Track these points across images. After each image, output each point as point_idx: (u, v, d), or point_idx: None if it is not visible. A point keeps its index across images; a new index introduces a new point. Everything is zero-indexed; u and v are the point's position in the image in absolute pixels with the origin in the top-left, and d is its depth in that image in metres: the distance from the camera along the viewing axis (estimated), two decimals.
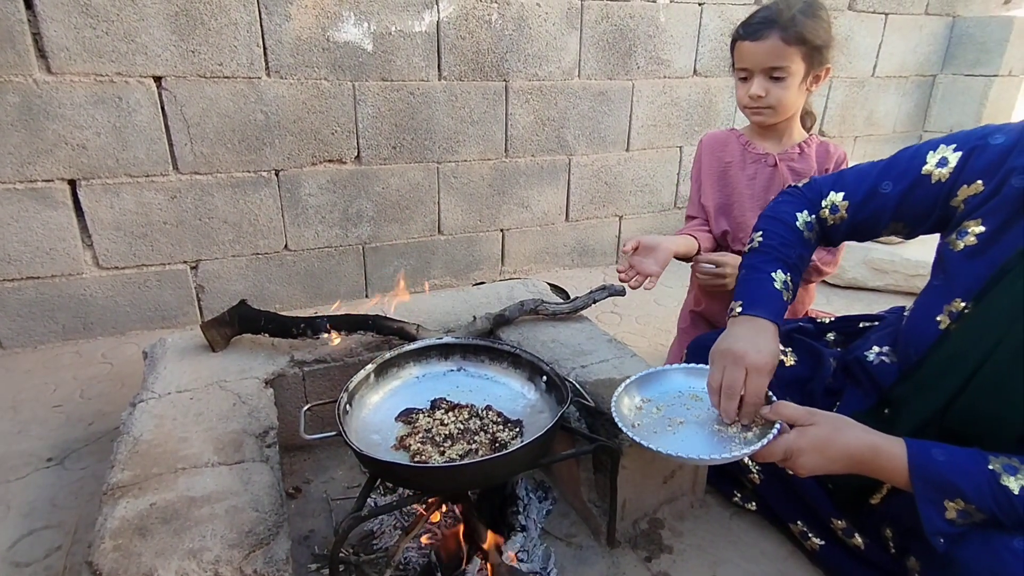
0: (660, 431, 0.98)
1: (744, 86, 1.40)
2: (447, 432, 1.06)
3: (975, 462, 0.80)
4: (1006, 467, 0.78)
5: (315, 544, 1.16)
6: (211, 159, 2.00)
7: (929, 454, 0.83)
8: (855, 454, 0.86)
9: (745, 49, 1.36)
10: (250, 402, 1.19)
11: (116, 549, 0.83)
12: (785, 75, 1.34)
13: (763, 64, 1.35)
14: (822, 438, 0.87)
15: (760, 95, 1.37)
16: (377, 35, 2.10)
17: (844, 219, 1.07)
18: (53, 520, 1.24)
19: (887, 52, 3.26)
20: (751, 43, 1.34)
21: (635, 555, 1.14)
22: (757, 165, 1.49)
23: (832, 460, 0.87)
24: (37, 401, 1.67)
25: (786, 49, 1.32)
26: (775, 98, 1.37)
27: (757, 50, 1.34)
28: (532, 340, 1.44)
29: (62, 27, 1.72)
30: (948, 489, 0.80)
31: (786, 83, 1.35)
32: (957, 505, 0.80)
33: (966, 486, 0.79)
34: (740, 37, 1.37)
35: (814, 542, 1.10)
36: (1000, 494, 0.77)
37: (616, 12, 2.47)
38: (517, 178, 2.54)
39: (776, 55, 1.33)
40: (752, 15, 1.37)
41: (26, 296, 1.91)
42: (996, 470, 0.78)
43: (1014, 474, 0.77)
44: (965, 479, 0.79)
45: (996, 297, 0.85)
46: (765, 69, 1.35)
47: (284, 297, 2.26)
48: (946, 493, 0.81)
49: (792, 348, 1.23)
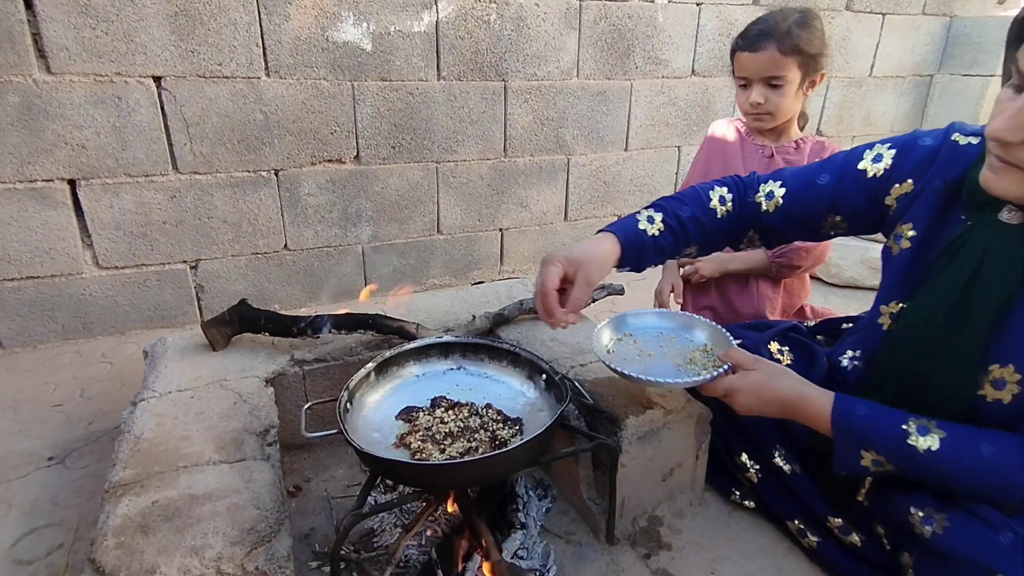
0: (629, 359, 1.13)
1: (744, 93, 1.48)
2: (447, 430, 1.07)
3: (891, 421, 0.88)
4: (919, 428, 0.86)
5: (316, 542, 1.17)
6: (210, 159, 2.00)
7: (852, 408, 0.91)
8: (786, 399, 0.96)
9: (744, 60, 1.44)
10: (251, 401, 1.19)
11: (119, 546, 0.84)
12: (782, 83, 1.42)
13: (761, 73, 1.42)
14: (759, 382, 0.98)
15: (760, 102, 1.45)
16: (376, 35, 2.11)
17: (779, 206, 1.10)
18: (55, 518, 1.25)
19: (884, 52, 3.27)
20: (749, 54, 1.42)
21: (634, 552, 1.14)
22: (755, 156, 1.56)
23: (766, 402, 0.98)
24: (37, 400, 1.67)
25: (782, 59, 1.39)
26: (773, 105, 1.45)
27: (755, 61, 1.42)
28: (531, 339, 1.45)
29: (62, 27, 1.72)
30: (863, 441, 0.89)
31: (783, 90, 1.43)
32: (871, 456, 0.89)
33: (878, 441, 0.88)
34: (739, 48, 1.45)
35: (811, 540, 1.11)
36: (906, 451, 0.85)
37: (614, 12, 2.48)
38: (516, 178, 2.55)
39: (773, 65, 1.40)
40: (749, 27, 1.45)
41: (26, 296, 1.91)
42: (908, 430, 0.86)
43: (925, 434, 0.85)
44: (878, 435, 0.88)
45: (923, 295, 0.92)
46: (763, 78, 1.43)
47: (283, 296, 2.27)
48: (861, 444, 0.90)
49: (788, 347, 1.24)
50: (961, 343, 0.86)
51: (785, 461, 1.15)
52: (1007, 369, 0.83)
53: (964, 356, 0.86)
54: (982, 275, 0.84)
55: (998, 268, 0.83)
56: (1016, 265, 0.82)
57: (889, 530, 0.97)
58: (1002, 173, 0.78)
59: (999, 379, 0.84)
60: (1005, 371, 0.83)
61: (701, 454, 1.23)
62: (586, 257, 1.00)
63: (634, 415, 1.15)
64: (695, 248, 1.14)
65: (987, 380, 0.85)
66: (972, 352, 0.85)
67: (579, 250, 1.01)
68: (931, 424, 0.86)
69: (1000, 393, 0.84)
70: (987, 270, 0.84)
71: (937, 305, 0.89)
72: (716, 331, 1.16)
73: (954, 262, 0.87)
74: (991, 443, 0.82)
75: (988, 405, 0.85)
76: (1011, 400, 0.83)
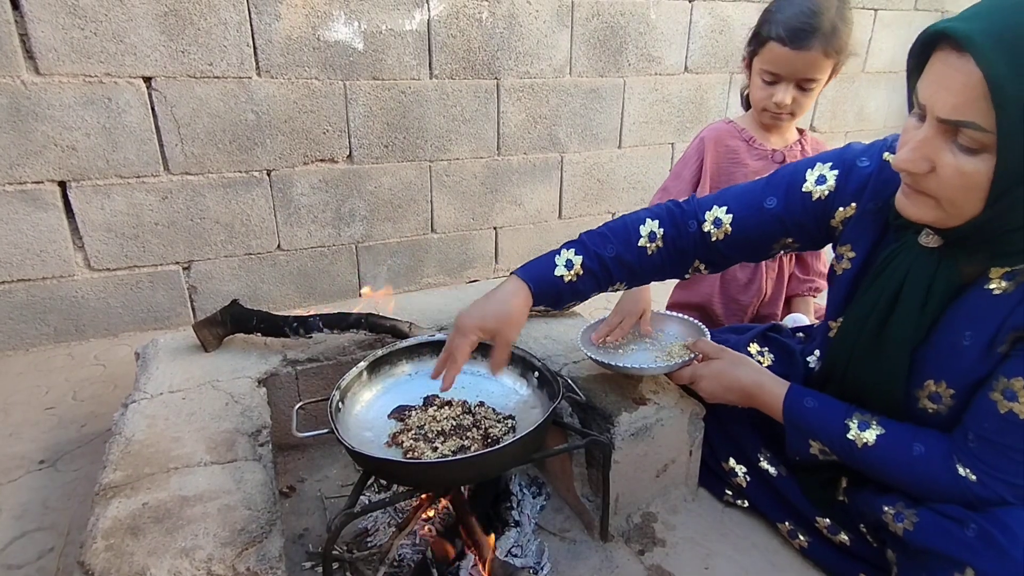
0: (612, 351, 1.28)
1: (768, 89, 1.34)
2: (440, 428, 1.07)
3: (836, 415, 0.94)
4: (860, 424, 0.92)
5: (310, 542, 1.16)
6: (202, 159, 1.99)
7: (802, 401, 0.98)
8: (745, 386, 1.04)
9: (781, 55, 1.28)
10: (243, 401, 1.19)
11: (108, 549, 0.83)
12: (814, 85, 1.32)
13: (798, 74, 1.30)
14: (721, 369, 1.08)
15: (787, 103, 1.33)
16: (368, 34, 2.10)
17: (728, 233, 1.05)
18: (46, 522, 1.24)
19: (877, 47, 3.28)
20: (792, 51, 1.26)
21: (628, 549, 1.14)
22: (764, 161, 1.46)
23: (727, 388, 1.07)
24: (29, 404, 1.66)
25: (824, 61, 1.27)
26: (799, 106, 1.35)
27: (797, 60, 1.27)
28: (525, 336, 1.45)
29: (50, 28, 1.71)
30: (809, 432, 0.96)
31: (812, 92, 1.33)
32: (817, 445, 0.96)
33: (821, 433, 0.95)
34: (778, 40, 1.27)
35: (802, 540, 1.11)
36: (845, 445, 0.92)
37: (607, 9, 2.47)
38: (510, 176, 2.54)
39: (814, 67, 1.28)
40: (791, 17, 1.25)
41: (17, 298, 1.90)
42: (849, 425, 0.92)
43: (865, 430, 0.91)
44: (822, 428, 0.95)
45: (850, 314, 0.96)
46: (799, 79, 1.30)
47: (277, 297, 2.26)
48: (808, 435, 0.97)
49: (768, 347, 1.25)
50: (887, 361, 0.90)
51: (771, 464, 1.15)
52: (940, 385, 0.86)
53: (892, 373, 0.90)
54: (902, 297, 0.86)
55: (917, 290, 0.84)
56: (937, 287, 0.83)
57: (869, 528, 0.97)
58: (914, 199, 0.79)
59: (935, 393, 0.87)
60: (939, 387, 0.87)
61: (694, 450, 1.23)
62: (501, 322, 0.99)
63: (627, 412, 1.15)
64: (622, 285, 1.12)
65: (924, 394, 0.89)
66: (899, 369, 0.89)
67: (492, 315, 0.99)
68: (872, 420, 0.92)
69: (937, 406, 0.88)
70: (907, 292, 0.86)
71: (862, 324, 0.92)
72: (695, 327, 1.28)
73: (877, 283, 0.90)
74: (923, 443, 0.87)
75: (929, 415, 0.90)
76: (947, 411, 0.87)
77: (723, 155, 1.48)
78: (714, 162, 1.48)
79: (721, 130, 1.50)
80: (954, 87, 0.67)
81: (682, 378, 1.14)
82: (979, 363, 0.81)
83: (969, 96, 0.66)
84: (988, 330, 0.79)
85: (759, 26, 1.33)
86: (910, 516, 0.86)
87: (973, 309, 0.82)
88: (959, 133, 0.69)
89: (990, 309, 0.79)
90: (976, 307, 0.81)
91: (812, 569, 1.10)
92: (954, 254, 0.82)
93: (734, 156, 1.47)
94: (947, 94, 0.68)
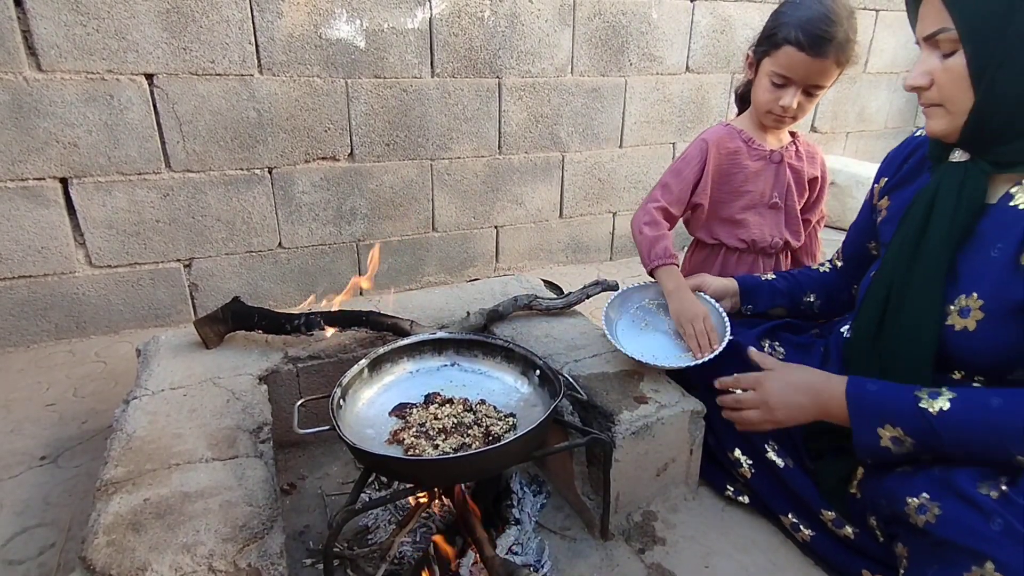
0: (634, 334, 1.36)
1: (776, 92, 1.35)
2: (441, 426, 1.07)
3: (902, 391, 0.92)
4: (930, 394, 0.90)
5: (310, 539, 1.16)
6: (204, 157, 1.99)
7: (864, 385, 0.96)
8: (813, 383, 1.02)
9: (797, 60, 1.30)
10: (244, 398, 1.19)
11: (110, 544, 0.83)
12: (820, 92, 1.36)
13: (810, 80, 1.32)
14: (787, 372, 1.07)
15: (793, 107, 1.35)
16: (370, 32, 2.10)
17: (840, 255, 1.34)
18: (47, 518, 1.24)
19: (878, 48, 3.28)
20: (810, 58, 1.28)
21: (629, 547, 1.15)
22: (763, 162, 1.48)
23: (796, 388, 1.03)
24: (30, 400, 1.66)
25: (834, 69, 1.31)
26: (802, 111, 1.38)
27: (812, 68, 1.30)
28: (526, 335, 1.45)
29: (52, 24, 1.71)
30: (878, 416, 0.92)
31: (817, 97, 1.37)
32: (888, 432, 0.91)
33: (892, 411, 0.91)
34: (796, 45, 1.28)
35: (805, 533, 1.11)
36: (920, 417, 0.88)
37: (608, 9, 2.47)
38: (511, 175, 2.54)
39: (826, 74, 1.32)
40: (809, 22, 1.27)
41: (18, 295, 1.90)
42: (920, 396, 0.90)
43: (936, 398, 0.89)
44: (892, 405, 0.92)
45: (892, 242, 1.03)
46: (809, 84, 1.33)
47: (278, 294, 2.26)
48: (877, 419, 0.92)
49: (778, 342, 1.26)
50: (922, 275, 0.96)
51: (778, 455, 1.15)
52: (971, 298, 0.91)
53: (927, 287, 0.95)
54: (936, 206, 0.96)
55: (948, 196, 0.94)
56: (966, 192, 0.93)
57: (881, 521, 0.97)
58: (930, 115, 0.94)
59: (964, 308, 0.91)
60: (969, 300, 0.91)
61: (695, 448, 1.24)
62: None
63: (628, 410, 1.15)
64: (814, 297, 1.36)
65: (955, 310, 0.93)
66: (935, 280, 0.94)
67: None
68: (940, 390, 0.90)
69: (965, 321, 0.91)
70: (938, 205, 0.95)
71: (903, 243, 1.00)
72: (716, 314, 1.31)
73: (914, 205, 1.00)
74: (998, 395, 0.86)
75: (956, 335, 0.92)
76: (975, 327, 0.90)
77: (725, 157, 1.48)
78: (716, 164, 1.49)
79: (722, 133, 1.50)
80: (930, 14, 0.89)
81: (747, 380, 1.10)
82: (1007, 274, 0.88)
83: (937, 13, 0.87)
84: (1014, 242, 0.88)
85: (772, 28, 1.34)
86: (933, 508, 0.85)
87: (1001, 223, 0.91)
88: (939, 43, 0.88)
89: (1016, 221, 0.89)
90: (1004, 221, 0.90)
91: (813, 567, 1.11)
92: (979, 165, 0.93)
93: (735, 158, 1.48)
94: (925, 21, 0.90)
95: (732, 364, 1.24)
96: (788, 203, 1.51)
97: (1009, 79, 0.84)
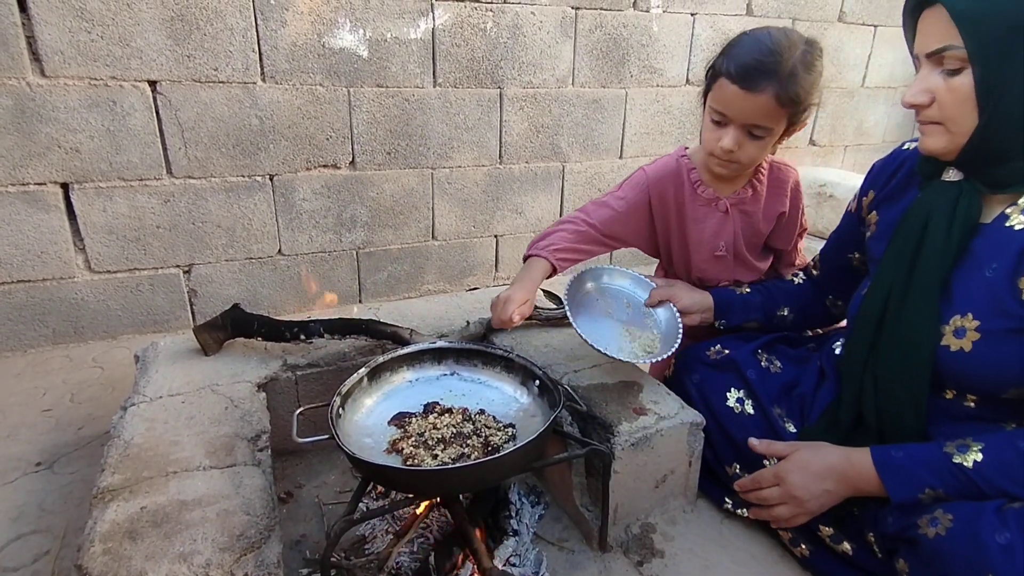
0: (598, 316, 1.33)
1: (715, 131, 1.20)
2: (440, 436, 1.06)
3: (931, 452, 0.91)
4: (959, 448, 0.89)
5: (307, 549, 1.16)
6: (205, 163, 2.00)
7: (889, 453, 0.94)
8: (834, 465, 0.99)
9: (730, 95, 1.15)
10: (242, 406, 1.18)
11: (106, 552, 0.83)
12: (765, 135, 1.18)
13: (746, 119, 1.16)
14: (806, 459, 1.02)
15: (733, 150, 1.19)
16: (373, 42, 2.11)
17: (817, 265, 1.35)
18: (41, 525, 1.23)
19: (876, 63, 3.30)
20: (741, 91, 1.13)
21: (627, 560, 1.14)
22: (707, 209, 1.34)
23: (818, 475, 1.00)
24: (26, 405, 1.66)
25: (777, 110, 1.14)
26: (747, 155, 1.21)
27: (746, 104, 1.14)
28: (525, 345, 1.45)
29: (57, 31, 1.72)
30: (915, 483, 0.90)
31: (763, 142, 1.20)
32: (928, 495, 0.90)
33: (927, 473, 0.90)
34: (727, 77, 1.14)
35: (803, 549, 1.11)
36: (957, 473, 0.87)
37: (610, 21, 2.50)
38: (511, 184, 2.55)
39: (765, 114, 1.15)
40: (745, 51, 1.14)
41: (16, 300, 1.90)
42: (949, 451, 0.89)
43: (965, 452, 0.88)
44: (925, 469, 0.90)
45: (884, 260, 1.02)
46: (747, 124, 1.17)
47: (277, 301, 2.26)
48: (916, 487, 0.90)
49: (775, 356, 1.26)
50: (917, 295, 0.95)
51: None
52: (966, 318, 0.90)
53: (922, 307, 0.94)
54: (929, 230, 0.95)
55: (942, 216, 0.93)
56: (960, 211, 0.92)
57: (879, 537, 0.97)
58: (928, 132, 0.92)
59: (960, 328, 0.91)
60: (965, 320, 0.91)
61: (694, 460, 1.23)
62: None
63: (627, 421, 1.15)
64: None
65: (949, 330, 0.92)
66: (928, 302, 0.93)
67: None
68: (964, 441, 0.90)
69: (961, 341, 0.91)
70: (932, 225, 0.94)
71: (897, 261, 0.98)
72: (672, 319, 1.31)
73: (906, 223, 0.99)
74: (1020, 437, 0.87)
75: (952, 355, 0.92)
76: (971, 348, 0.90)
77: (660, 202, 1.37)
78: (658, 212, 1.38)
79: (666, 171, 1.36)
80: (933, 30, 0.87)
81: (764, 479, 1.07)
82: (1003, 293, 0.88)
83: (943, 29, 0.85)
84: (1010, 262, 0.88)
85: (714, 59, 1.20)
86: (945, 520, 0.85)
87: (995, 243, 0.90)
88: (944, 60, 0.86)
89: (1011, 242, 0.89)
90: (998, 241, 0.90)
91: None
92: (973, 184, 0.92)
93: (678, 200, 1.36)
94: (928, 37, 0.88)
95: (727, 377, 1.24)
96: (737, 251, 1.39)
97: (1015, 100, 0.83)
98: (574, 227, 1.37)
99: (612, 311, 1.36)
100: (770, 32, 1.15)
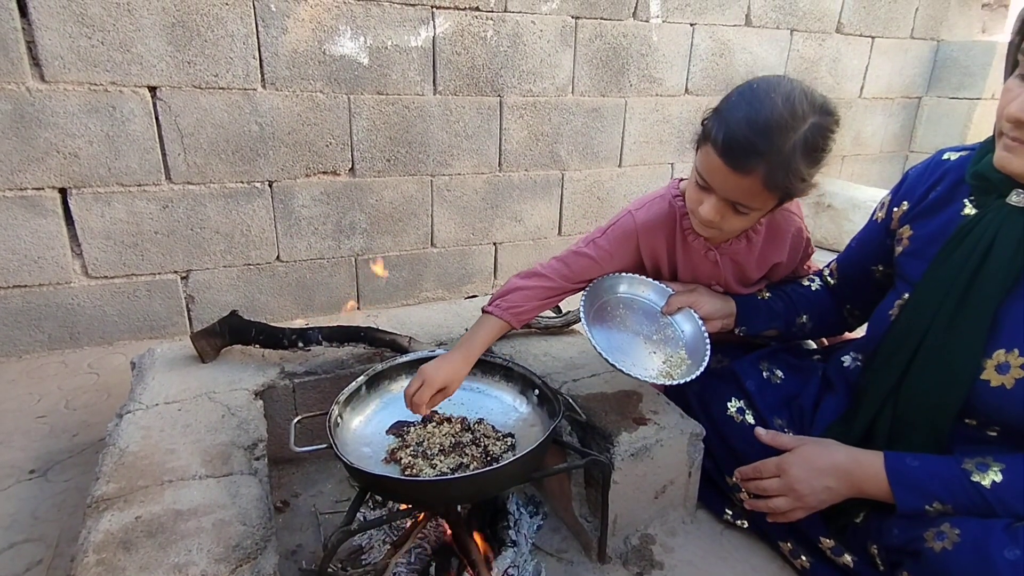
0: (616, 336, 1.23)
1: (698, 193, 1.06)
2: (439, 445, 1.06)
3: (948, 465, 0.88)
4: (978, 466, 0.86)
5: (303, 559, 1.14)
6: (204, 169, 2.00)
7: (904, 461, 0.91)
8: (840, 464, 0.96)
9: (714, 166, 0.99)
10: (239, 414, 1.18)
11: (99, 563, 0.82)
12: (750, 211, 1.04)
13: (731, 196, 1.02)
14: (810, 454, 1.00)
15: (714, 220, 1.05)
16: (373, 49, 2.12)
17: (834, 273, 1.28)
18: (34, 533, 1.22)
19: (874, 74, 3.32)
20: (726, 168, 0.97)
21: (626, 571, 1.13)
22: (697, 258, 1.25)
23: (821, 471, 0.97)
24: (20, 411, 1.64)
25: (763, 193, 0.99)
26: (730, 226, 1.08)
27: (729, 181, 0.99)
28: (524, 353, 1.44)
29: (57, 36, 1.72)
30: (926, 493, 0.88)
31: (748, 217, 1.06)
32: (935, 509, 0.88)
33: (940, 488, 0.87)
34: (715, 147, 0.98)
35: (804, 561, 1.10)
36: (972, 491, 0.85)
37: (609, 31, 2.51)
38: (510, 192, 2.55)
39: (750, 195, 1.00)
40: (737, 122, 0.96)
41: (12, 305, 1.89)
42: (968, 469, 0.86)
43: (985, 471, 0.85)
44: (939, 481, 0.87)
45: (928, 281, 0.95)
46: (731, 199, 1.03)
47: (275, 308, 2.25)
48: (925, 497, 0.88)
49: (777, 366, 1.25)
50: (968, 324, 0.89)
51: None
52: (1012, 354, 0.85)
53: (970, 337, 0.88)
54: (992, 256, 0.87)
55: (1007, 249, 0.86)
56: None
57: (883, 549, 0.96)
58: (1018, 152, 0.84)
59: (1003, 363, 0.86)
60: (1010, 356, 0.86)
61: (694, 471, 1.23)
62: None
63: (627, 431, 1.14)
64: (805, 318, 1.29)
65: (992, 364, 0.87)
66: (978, 333, 0.88)
67: None
68: (984, 460, 0.87)
69: (1003, 378, 0.86)
70: (997, 251, 0.87)
71: (947, 288, 0.91)
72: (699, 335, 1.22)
73: (963, 245, 0.91)
74: None
75: (991, 390, 0.87)
76: (1013, 385, 0.85)
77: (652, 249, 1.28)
78: (647, 252, 1.29)
79: (657, 223, 1.25)
80: None
81: (766, 469, 1.04)
82: None
83: None
84: None
85: (709, 114, 1.05)
86: (952, 535, 0.84)
87: None
88: None
89: None
90: None
91: None
92: None
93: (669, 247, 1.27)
94: None
95: (728, 386, 1.23)
96: (732, 286, 1.29)
97: None
98: (545, 284, 1.24)
99: (632, 324, 1.26)
100: (777, 97, 0.96)
